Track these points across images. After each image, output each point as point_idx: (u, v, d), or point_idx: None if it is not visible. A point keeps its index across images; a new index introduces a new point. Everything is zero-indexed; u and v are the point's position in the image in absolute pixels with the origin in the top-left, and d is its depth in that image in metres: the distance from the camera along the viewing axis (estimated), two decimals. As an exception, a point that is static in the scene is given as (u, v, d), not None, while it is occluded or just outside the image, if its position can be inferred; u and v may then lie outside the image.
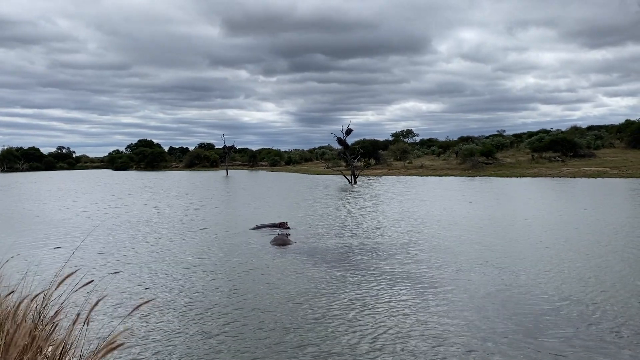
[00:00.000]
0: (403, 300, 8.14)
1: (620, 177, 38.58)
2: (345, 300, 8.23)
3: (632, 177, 38.26)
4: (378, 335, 6.64)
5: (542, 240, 13.28)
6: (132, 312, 3.09)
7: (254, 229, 16.16)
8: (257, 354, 6.11)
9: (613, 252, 11.55)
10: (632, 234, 13.96)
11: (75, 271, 3.14)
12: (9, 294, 3.64)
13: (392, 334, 6.63)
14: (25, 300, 3.22)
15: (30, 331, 2.70)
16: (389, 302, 8.08)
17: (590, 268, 10.10)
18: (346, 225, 16.84)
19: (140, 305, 3.08)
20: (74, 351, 3.01)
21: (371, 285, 9.11)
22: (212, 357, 6.05)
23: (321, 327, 7.01)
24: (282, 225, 16.02)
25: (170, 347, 6.33)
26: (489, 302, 7.96)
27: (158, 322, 7.27)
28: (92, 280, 3.29)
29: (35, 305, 3.15)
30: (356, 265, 10.80)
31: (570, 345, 6.17)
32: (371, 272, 10.11)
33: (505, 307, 7.73)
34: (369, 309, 7.74)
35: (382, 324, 7.06)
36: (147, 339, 6.59)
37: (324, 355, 6.06)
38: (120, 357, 5.94)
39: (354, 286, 9.05)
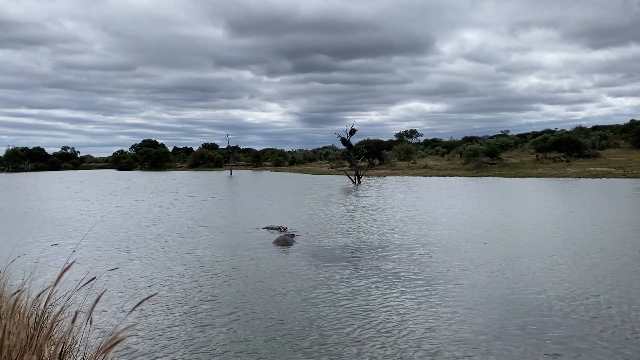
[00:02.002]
0: (402, 298, 8.14)
1: (625, 177, 38.39)
2: (344, 296, 8.26)
3: (637, 177, 38.06)
4: (374, 329, 6.70)
5: (546, 240, 13.24)
6: (134, 308, 3.10)
7: (264, 229, 16.10)
8: (258, 344, 6.16)
9: (620, 252, 11.50)
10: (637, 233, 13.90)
11: (71, 264, 3.15)
12: (15, 293, 3.67)
13: (387, 330, 6.66)
14: (29, 299, 3.24)
15: (28, 330, 2.71)
16: (387, 299, 8.09)
17: (595, 268, 10.06)
18: (349, 226, 16.84)
19: (143, 301, 3.09)
20: (78, 349, 3.02)
21: (371, 284, 9.11)
22: (213, 349, 6.10)
23: (319, 320, 7.11)
24: (281, 229, 15.85)
25: (172, 341, 6.37)
26: (490, 302, 7.95)
27: (160, 317, 7.32)
28: (95, 277, 3.31)
29: (37, 303, 3.16)
30: (358, 264, 10.80)
31: (571, 346, 6.15)
32: (373, 271, 10.11)
33: (507, 306, 7.72)
34: (368, 305, 7.75)
35: (379, 319, 7.10)
36: (149, 334, 6.62)
37: (322, 346, 6.17)
38: (124, 352, 5.97)
39: (353, 284, 9.06)
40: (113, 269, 10.45)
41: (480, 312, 7.47)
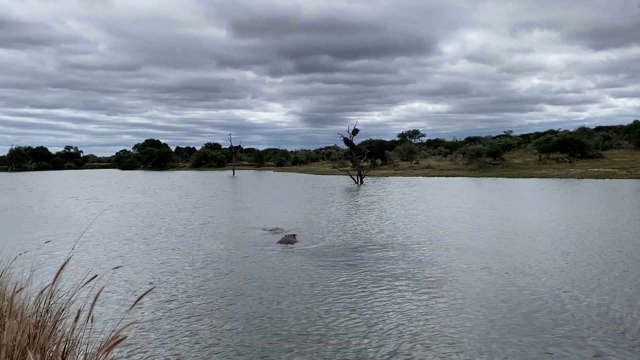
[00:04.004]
0: (400, 296, 8.13)
1: (628, 178, 38.27)
2: (343, 294, 8.28)
3: (640, 178, 37.97)
4: (370, 325, 6.71)
5: (544, 240, 13.20)
6: (134, 304, 3.09)
7: (270, 230, 16.03)
8: (257, 338, 6.17)
9: (625, 254, 11.45)
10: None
11: (67, 261, 3.13)
12: (17, 291, 3.65)
13: (385, 327, 6.64)
14: (31, 298, 3.23)
15: (30, 329, 2.70)
16: (387, 297, 8.08)
17: (600, 269, 10.02)
18: (351, 226, 16.82)
19: (143, 296, 3.08)
20: (80, 347, 3.01)
21: (372, 282, 9.10)
22: (213, 345, 6.10)
23: (317, 316, 7.16)
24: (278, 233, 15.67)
25: (174, 337, 6.37)
26: (492, 303, 7.92)
27: (162, 314, 7.33)
28: (97, 276, 3.30)
29: (39, 302, 3.15)
30: (359, 263, 10.78)
31: (573, 347, 6.12)
32: (373, 270, 10.09)
33: (509, 307, 7.69)
34: (365, 303, 7.74)
35: (376, 317, 7.12)
36: (151, 330, 6.62)
37: (321, 342, 6.18)
38: (125, 348, 5.97)
39: (353, 283, 9.05)
40: (115, 267, 10.46)
41: (479, 311, 7.44)
